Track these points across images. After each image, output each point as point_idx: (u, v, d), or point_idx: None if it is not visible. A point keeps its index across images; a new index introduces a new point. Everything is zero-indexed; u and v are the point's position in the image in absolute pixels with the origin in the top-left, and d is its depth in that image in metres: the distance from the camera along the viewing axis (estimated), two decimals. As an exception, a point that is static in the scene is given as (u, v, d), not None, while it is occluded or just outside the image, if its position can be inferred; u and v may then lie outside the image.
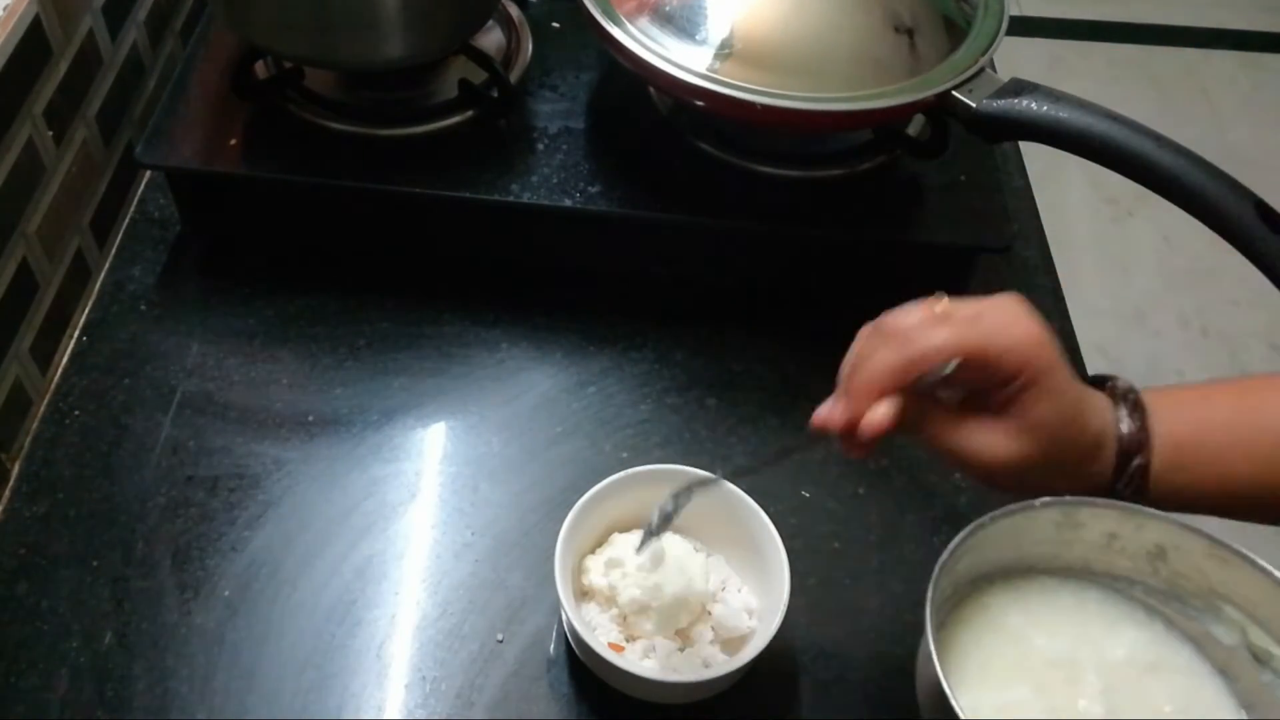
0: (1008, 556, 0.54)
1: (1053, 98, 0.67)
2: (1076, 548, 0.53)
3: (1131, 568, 0.53)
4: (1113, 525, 0.52)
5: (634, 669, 0.59)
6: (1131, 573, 0.53)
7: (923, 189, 0.80)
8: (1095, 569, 0.54)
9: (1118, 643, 0.53)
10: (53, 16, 0.75)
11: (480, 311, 0.81)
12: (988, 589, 0.54)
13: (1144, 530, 0.51)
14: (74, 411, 0.75)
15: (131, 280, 0.82)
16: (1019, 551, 0.54)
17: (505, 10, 0.88)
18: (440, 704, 0.63)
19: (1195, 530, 0.50)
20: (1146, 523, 0.51)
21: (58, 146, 0.77)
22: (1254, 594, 0.49)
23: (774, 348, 0.80)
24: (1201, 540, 0.50)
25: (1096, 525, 0.52)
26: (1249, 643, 0.50)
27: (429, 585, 0.68)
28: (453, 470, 0.73)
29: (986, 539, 0.51)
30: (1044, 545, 0.53)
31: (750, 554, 0.64)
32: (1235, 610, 0.50)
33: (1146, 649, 0.52)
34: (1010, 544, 0.53)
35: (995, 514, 0.51)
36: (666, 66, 0.71)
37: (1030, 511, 0.51)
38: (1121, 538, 0.52)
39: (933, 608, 0.48)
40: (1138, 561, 0.53)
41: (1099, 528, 0.52)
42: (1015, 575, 0.55)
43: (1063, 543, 0.53)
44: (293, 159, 0.79)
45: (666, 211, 0.78)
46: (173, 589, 0.67)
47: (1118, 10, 2.58)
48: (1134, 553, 0.52)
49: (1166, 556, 0.52)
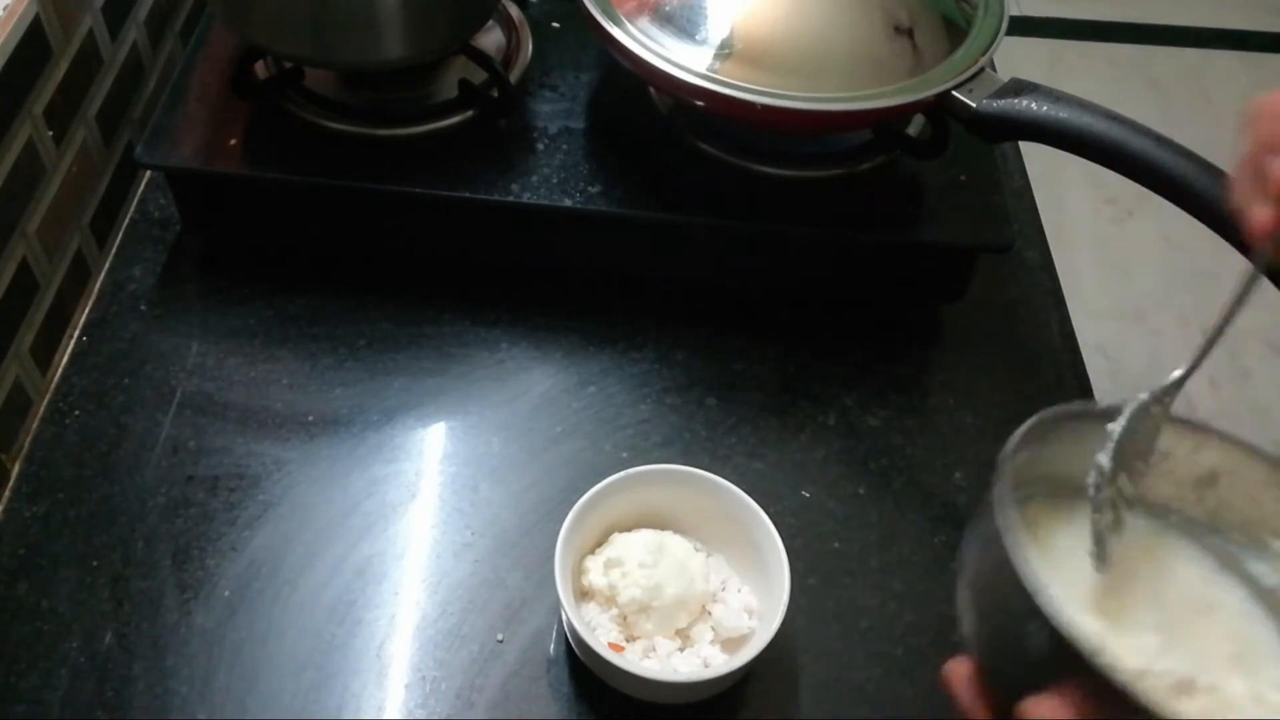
0: (1058, 470, 0.48)
1: (1053, 98, 0.67)
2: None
3: (1173, 495, 0.49)
4: (1169, 443, 0.48)
5: (634, 669, 0.59)
6: (1172, 500, 0.49)
7: (923, 189, 0.80)
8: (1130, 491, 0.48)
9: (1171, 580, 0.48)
10: (53, 16, 0.75)
11: (480, 311, 0.81)
12: (1030, 505, 0.49)
13: (1200, 451, 0.47)
14: (74, 411, 0.75)
15: (131, 280, 0.82)
16: (1070, 467, 0.48)
17: (505, 10, 0.88)
18: (440, 704, 0.63)
19: (1259, 454, 0.46)
20: (1206, 443, 0.47)
21: (58, 146, 0.77)
22: None
23: (774, 348, 0.81)
24: (1263, 466, 0.46)
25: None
26: None
27: (429, 585, 0.68)
28: (453, 470, 0.73)
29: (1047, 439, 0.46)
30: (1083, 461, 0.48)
31: (750, 554, 0.64)
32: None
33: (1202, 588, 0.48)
34: (1066, 455, 0.47)
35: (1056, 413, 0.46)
36: (666, 66, 0.71)
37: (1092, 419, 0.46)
38: (1173, 458, 0.48)
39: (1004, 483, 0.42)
40: (1182, 488, 0.48)
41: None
42: (1061, 495, 0.49)
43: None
44: (293, 159, 0.79)
45: (666, 211, 0.78)
46: (173, 589, 0.67)
47: (1118, 10, 2.58)
48: (1181, 476, 0.48)
49: (1217, 483, 0.47)
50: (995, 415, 0.78)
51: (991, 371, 0.81)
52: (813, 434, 0.76)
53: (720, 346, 0.81)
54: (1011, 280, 0.86)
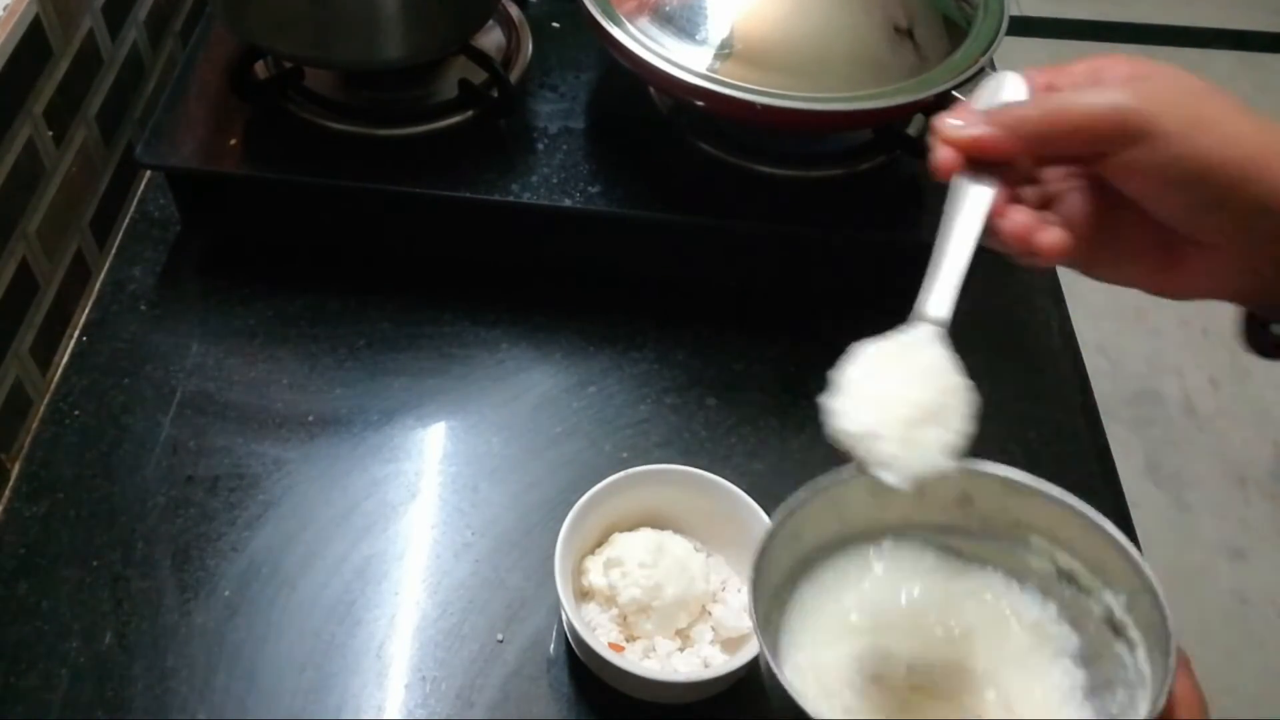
0: (830, 532, 0.54)
1: (1053, 98, 0.67)
2: (894, 508, 0.54)
3: (944, 516, 0.54)
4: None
5: (634, 669, 0.59)
6: (953, 520, 0.54)
7: (923, 189, 0.80)
8: (916, 522, 0.55)
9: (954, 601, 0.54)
10: (53, 16, 0.75)
11: (480, 311, 0.81)
12: (824, 561, 0.55)
13: (945, 481, 0.51)
14: (74, 411, 0.75)
15: (131, 280, 0.82)
16: (842, 524, 0.54)
17: (505, 10, 0.88)
18: (440, 704, 0.63)
19: (987, 471, 0.52)
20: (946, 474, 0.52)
21: (58, 146, 0.77)
22: (1050, 521, 0.51)
23: (774, 348, 0.81)
24: (995, 480, 0.52)
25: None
26: (1058, 566, 0.52)
27: (429, 585, 0.68)
28: (453, 470, 0.73)
29: (805, 519, 0.52)
30: (864, 511, 0.54)
31: (750, 554, 0.64)
32: (1039, 538, 0.52)
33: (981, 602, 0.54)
34: (832, 519, 0.54)
35: (803, 492, 0.52)
36: (666, 66, 0.71)
37: (840, 485, 0.52)
38: (928, 493, 0.52)
39: (756, 598, 0.49)
40: (949, 509, 0.54)
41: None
42: (849, 545, 0.55)
43: (880, 506, 0.54)
44: (293, 159, 0.79)
45: (666, 211, 0.78)
46: (173, 589, 0.67)
47: (1118, 10, 2.58)
48: (945, 502, 0.54)
49: (973, 501, 0.53)
50: (995, 415, 0.77)
51: (991, 372, 0.80)
52: (813, 434, 0.75)
53: (720, 346, 0.81)
54: (1011, 280, 0.86)
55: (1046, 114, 0.46)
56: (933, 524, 0.55)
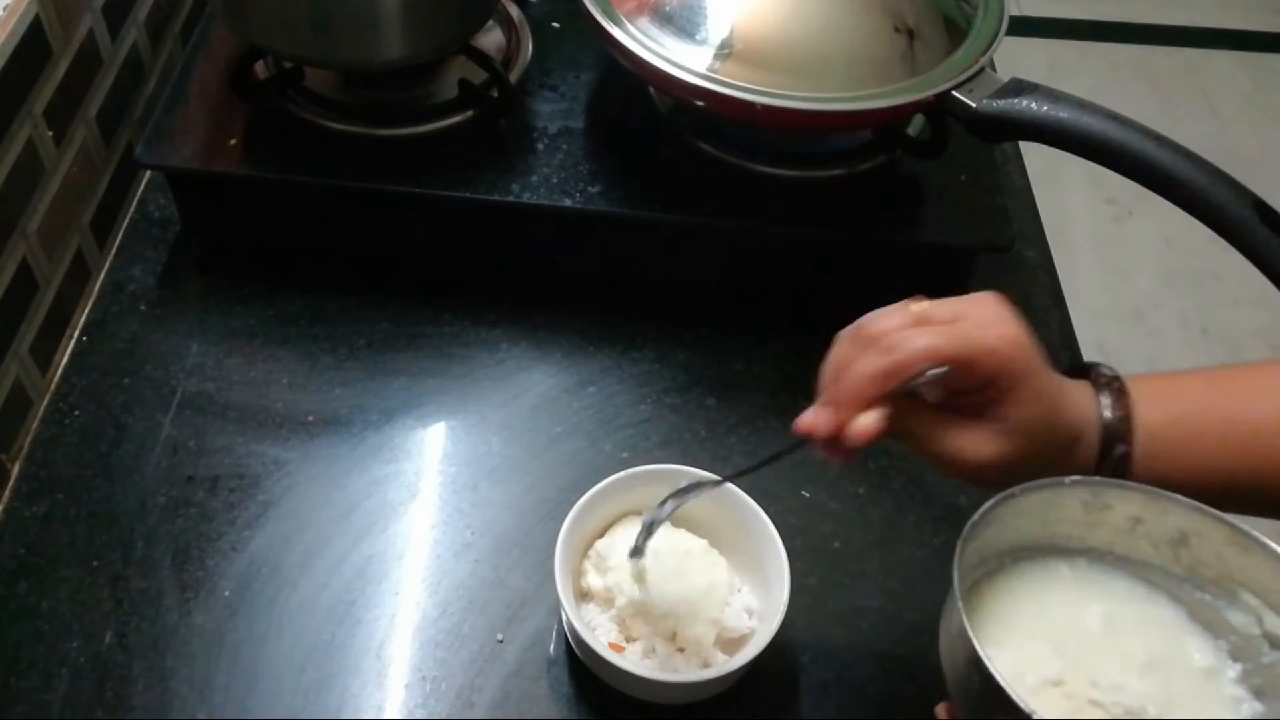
0: (1034, 533, 0.54)
1: (1053, 98, 0.67)
2: (1100, 531, 0.53)
3: (1153, 553, 0.53)
4: (1138, 509, 0.52)
5: (634, 669, 0.59)
6: (1152, 558, 0.53)
7: (923, 189, 0.80)
8: (1118, 552, 0.54)
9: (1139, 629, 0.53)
10: (53, 16, 0.75)
11: (480, 311, 0.81)
12: (1013, 566, 0.54)
13: (1168, 515, 0.51)
14: (74, 411, 0.75)
15: (131, 280, 0.82)
16: (1046, 529, 0.53)
17: (505, 10, 0.88)
18: (440, 704, 0.63)
19: (1217, 516, 0.51)
20: (1171, 508, 0.51)
21: (58, 146, 0.77)
22: (1271, 581, 0.50)
23: (774, 348, 0.80)
24: (1223, 527, 0.51)
25: (1123, 508, 0.52)
26: (1265, 629, 0.51)
27: (429, 585, 0.68)
28: (453, 470, 0.73)
29: (1015, 510, 0.51)
30: (1070, 525, 0.53)
31: (750, 554, 0.64)
32: (1252, 596, 0.51)
33: (1164, 636, 0.53)
34: (1038, 520, 0.53)
35: (1026, 486, 0.51)
36: (666, 66, 0.71)
37: (1060, 488, 0.51)
38: (1146, 522, 0.52)
39: (960, 566, 0.48)
40: (1160, 547, 0.53)
41: (1125, 511, 0.52)
42: (1040, 555, 0.54)
43: (1089, 524, 0.53)
44: (293, 159, 0.79)
45: (666, 211, 0.78)
46: (173, 589, 0.67)
47: (1118, 10, 2.58)
48: (1157, 538, 0.52)
49: (1189, 542, 0.52)
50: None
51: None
52: (813, 434, 0.76)
53: (720, 346, 0.81)
54: (1011, 280, 0.86)
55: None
56: (1137, 559, 0.54)
